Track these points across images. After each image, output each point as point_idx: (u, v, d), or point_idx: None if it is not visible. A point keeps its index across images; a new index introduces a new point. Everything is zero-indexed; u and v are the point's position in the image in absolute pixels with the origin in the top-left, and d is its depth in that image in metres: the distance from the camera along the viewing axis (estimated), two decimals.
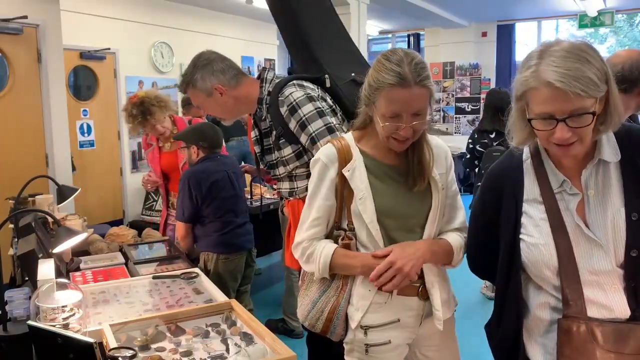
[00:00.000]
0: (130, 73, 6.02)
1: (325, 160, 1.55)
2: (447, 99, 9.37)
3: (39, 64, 4.21)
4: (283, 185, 2.18)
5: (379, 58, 1.48)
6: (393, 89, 1.39)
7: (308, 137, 1.97)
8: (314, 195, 1.57)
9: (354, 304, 1.55)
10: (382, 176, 1.54)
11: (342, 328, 1.57)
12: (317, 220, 1.56)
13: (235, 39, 7.13)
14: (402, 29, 9.67)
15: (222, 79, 2.10)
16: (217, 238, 2.78)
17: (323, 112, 1.98)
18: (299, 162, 2.08)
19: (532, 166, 1.30)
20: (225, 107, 2.15)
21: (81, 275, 2.25)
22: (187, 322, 1.65)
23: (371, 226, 1.49)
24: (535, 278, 1.31)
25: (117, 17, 5.84)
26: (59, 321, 1.50)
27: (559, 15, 8.72)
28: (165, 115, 3.09)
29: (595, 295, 1.22)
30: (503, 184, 1.34)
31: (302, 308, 1.64)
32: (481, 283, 4.46)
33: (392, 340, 1.55)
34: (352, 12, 5.75)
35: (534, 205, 1.29)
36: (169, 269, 2.32)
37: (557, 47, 1.14)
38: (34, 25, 4.12)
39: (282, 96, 2.01)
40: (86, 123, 5.65)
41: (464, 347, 1.78)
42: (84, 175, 5.35)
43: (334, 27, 2.49)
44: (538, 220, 1.27)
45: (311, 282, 1.64)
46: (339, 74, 2.16)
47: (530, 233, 1.28)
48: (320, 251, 1.54)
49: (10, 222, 2.76)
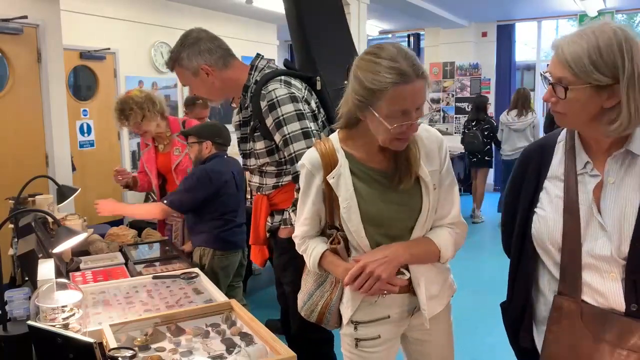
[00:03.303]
0: (130, 73, 6.02)
1: (310, 167, 1.54)
2: (447, 99, 9.36)
3: (39, 64, 4.21)
4: (253, 179, 2.20)
5: (364, 58, 1.40)
6: (398, 87, 1.33)
7: (282, 137, 1.95)
8: (304, 196, 1.59)
9: (344, 302, 1.58)
10: (368, 180, 1.51)
11: (335, 320, 1.63)
12: (307, 220, 1.60)
13: (235, 39, 7.12)
14: (402, 29, 9.66)
15: (208, 59, 2.06)
16: (216, 235, 2.81)
17: (303, 115, 1.94)
18: (269, 158, 2.07)
19: (564, 147, 1.34)
20: (212, 88, 2.12)
21: (81, 275, 2.24)
22: (187, 322, 1.65)
23: (356, 234, 1.49)
24: (540, 252, 1.34)
25: (117, 17, 5.84)
26: (59, 321, 1.50)
27: (559, 15, 8.71)
28: (151, 118, 3.06)
29: (592, 279, 1.24)
30: (531, 160, 1.39)
31: (300, 297, 1.71)
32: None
33: (381, 335, 1.57)
34: (352, 12, 5.75)
35: (554, 183, 1.32)
36: (169, 269, 2.32)
37: (590, 24, 1.20)
38: (34, 25, 4.12)
39: (265, 90, 1.98)
40: (86, 123, 5.65)
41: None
42: (84, 175, 5.35)
43: (339, 32, 2.50)
44: (554, 197, 1.31)
45: (310, 272, 1.68)
46: (332, 80, 2.13)
47: (544, 207, 1.33)
48: (310, 251, 1.59)
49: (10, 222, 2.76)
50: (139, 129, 3.11)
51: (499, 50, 9.06)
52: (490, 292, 1.31)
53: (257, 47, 7.68)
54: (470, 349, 3.41)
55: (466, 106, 9.15)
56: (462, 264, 5.16)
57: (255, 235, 2.23)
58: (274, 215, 2.17)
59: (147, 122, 3.05)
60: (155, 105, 3.07)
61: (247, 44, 7.43)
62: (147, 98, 3.06)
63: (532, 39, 9.37)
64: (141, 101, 3.02)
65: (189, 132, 2.91)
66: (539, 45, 9.22)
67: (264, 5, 6.48)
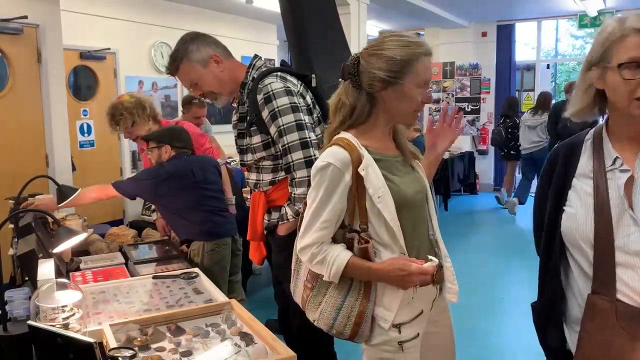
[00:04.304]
0: (130, 73, 6.02)
1: (339, 165, 1.47)
2: (447, 99, 9.36)
3: (39, 64, 4.21)
4: (251, 176, 2.23)
5: (389, 37, 1.52)
6: (426, 57, 1.51)
7: (277, 129, 2.00)
8: (325, 197, 1.49)
9: (385, 304, 1.51)
10: (391, 168, 1.54)
11: (369, 329, 1.52)
12: (327, 223, 1.49)
13: (235, 39, 7.13)
14: (402, 29, 9.65)
15: (217, 50, 2.16)
16: (200, 227, 2.73)
17: (297, 107, 2.01)
18: (265, 152, 2.11)
19: (592, 145, 1.32)
20: (221, 79, 2.17)
21: (81, 275, 2.25)
22: (187, 322, 1.65)
23: (392, 223, 1.47)
24: (571, 250, 1.32)
25: (117, 17, 5.84)
26: (59, 321, 1.50)
27: (559, 16, 8.71)
28: (141, 123, 3.09)
29: (627, 276, 1.21)
30: (559, 158, 1.38)
31: (325, 318, 1.54)
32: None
33: (419, 332, 1.55)
34: (352, 12, 5.75)
35: (583, 181, 1.31)
36: (168, 269, 2.33)
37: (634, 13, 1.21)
38: (34, 25, 4.12)
39: (261, 84, 2.04)
40: (86, 123, 5.65)
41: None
42: (84, 175, 5.34)
43: (333, 32, 2.56)
44: (583, 194, 1.29)
45: (322, 288, 1.57)
46: (328, 77, 2.20)
47: (573, 205, 1.31)
48: (332, 259, 1.48)
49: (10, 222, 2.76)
50: (130, 134, 3.16)
51: (498, 50, 9.06)
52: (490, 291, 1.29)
53: (257, 47, 7.68)
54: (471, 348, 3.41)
55: (466, 106, 9.15)
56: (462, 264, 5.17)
57: (252, 231, 2.24)
58: (271, 213, 2.19)
59: (138, 127, 3.10)
60: (145, 110, 3.11)
61: (247, 44, 7.43)
62: (137, 103, 3.10)
63: (532, 39, 9.38)
64: (131, 106, 3.07)
65: (149, 137, 2.91)
66: (539, 45, 9.22)
67: (264, 5, 6.48)
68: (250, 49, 7.61)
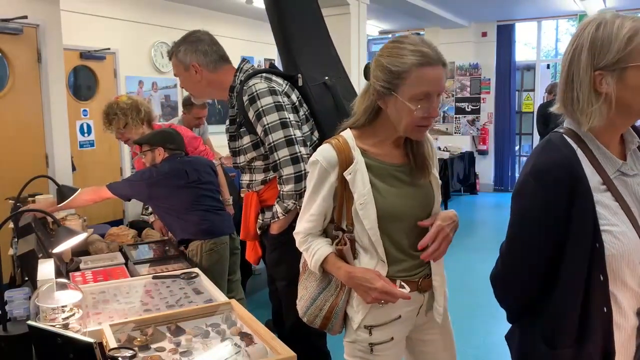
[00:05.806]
0: (130, 73, 6.02)
1: (325, 165, 1.50)
2: (447, 99, 9.37)
3: (39, 64, 4.21)
4: (244, 177, 2.27)
5: (388, 46, 1.45)
6: (422, 68, 1.38)
7: (262, 128, 2.05)
8: (313, 192, 1.55)
9: (354, 306, 1.54)
10: (385, 177, 1.51)
11: (339, 325, 1.59)
12: (313, 217, 1.56)
13: (235, 39, 7.13)
14: (402, 29, 9.66)
15: (201, 60, 2.23)
16: (197, 227, 2.73)
17: (282, 106, 2.05)
18: (255, 152, 2.16)
19: (584, 155, 1.20)
20: (198, 85, 2.28)
21: (81, 275, 2.25)
22: (187, 322, 1.65)
23: (371, 232, 1.48)
24: (622, 275, 1.16)
25: (117, 17, 5.84)
26: (58, 321, 1.50)
27: (559, 16, 8.71)
28: (134, 126, 3.11)
29: None
30: (565, 177, 1.17)
31: (302, 303, 1.64)
32: None
33: (394, 336, 1.55)
34: (352, 12, 5.75)
35: (601, 194, 1.18)
36: (168, 269, 2.33)
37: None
38: (34, 25, 4.13)
39: (246, 85, 2.10)
40: (86, 123, 5.65)
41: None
42: (84, 175, 5.35)
43: (317, 32, 2.62)
44: (614, 207, 1.17)
45: (311, 274, 1.63)
46: (313, 76, 2.27)
47: (613, 222, 1.15)
48: (313, 251, 1.55)
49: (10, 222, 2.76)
50: (122, 136, 3.18)
51: (499, 50, 9.06)
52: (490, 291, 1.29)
53: (257, 47, 7.69)
54: (470, 348, 3.41)
55: (466, 106, 9.15)
56: (462, 264, 5.17)
57: (245, 230, 2.26)
58: (264, 212, 2.21)
59: (130, 129, 3.12)
60: (139, 114, 3.13)
61: (247, 44, 7.44)
62: (132, 105, 3.13)
63: (532, 39, 9.38)
64: (126, 108, 3.09)
65: (141, 141, 2.91)
66: (539, 45, 9.22)
67: (264, 5, 6.47)
68: (250, 49, 7.64)
